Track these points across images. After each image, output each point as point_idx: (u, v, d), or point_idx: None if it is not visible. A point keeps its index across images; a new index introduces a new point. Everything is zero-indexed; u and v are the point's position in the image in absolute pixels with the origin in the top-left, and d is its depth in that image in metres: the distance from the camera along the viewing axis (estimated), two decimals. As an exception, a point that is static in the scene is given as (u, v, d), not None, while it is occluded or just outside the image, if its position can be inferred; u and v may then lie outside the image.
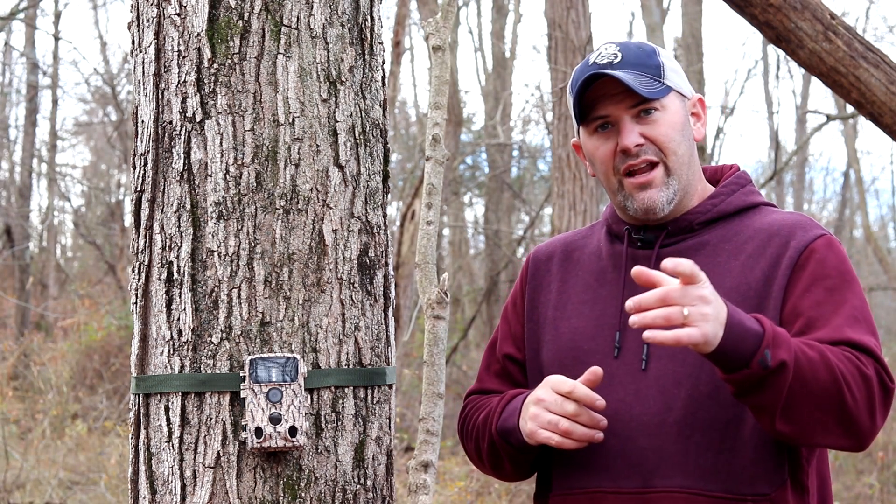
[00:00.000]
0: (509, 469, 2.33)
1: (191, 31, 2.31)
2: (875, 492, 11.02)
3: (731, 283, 2.19)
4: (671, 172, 2.24)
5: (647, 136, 2.23)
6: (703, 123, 2.34)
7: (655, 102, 2.23)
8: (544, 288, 2.39)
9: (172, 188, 2.30)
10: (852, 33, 4.13)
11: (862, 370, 2.05)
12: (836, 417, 2.04)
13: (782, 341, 2.01)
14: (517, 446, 2.24)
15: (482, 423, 2.34)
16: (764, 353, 1.98)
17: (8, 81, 20.96)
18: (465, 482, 10.80)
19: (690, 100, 2.33)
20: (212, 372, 2.24)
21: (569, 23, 9.55)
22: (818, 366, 2.01)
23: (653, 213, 2.25)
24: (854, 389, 2.03)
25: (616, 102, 2.23)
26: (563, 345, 2.29)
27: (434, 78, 3.57)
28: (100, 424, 12.75)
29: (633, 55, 2.26)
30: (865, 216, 18.62)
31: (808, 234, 2.21)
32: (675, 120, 2.26)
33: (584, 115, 2.26)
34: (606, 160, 2.26)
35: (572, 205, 9.35)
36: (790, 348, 2.00)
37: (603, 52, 2.27)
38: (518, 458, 2.28)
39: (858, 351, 2.08)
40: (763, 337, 1.99)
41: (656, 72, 2.25)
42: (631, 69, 2.23)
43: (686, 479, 2.13)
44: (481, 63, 23.64)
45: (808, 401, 2.02)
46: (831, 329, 2.10)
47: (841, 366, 2.03)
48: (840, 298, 2.14)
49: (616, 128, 2.25)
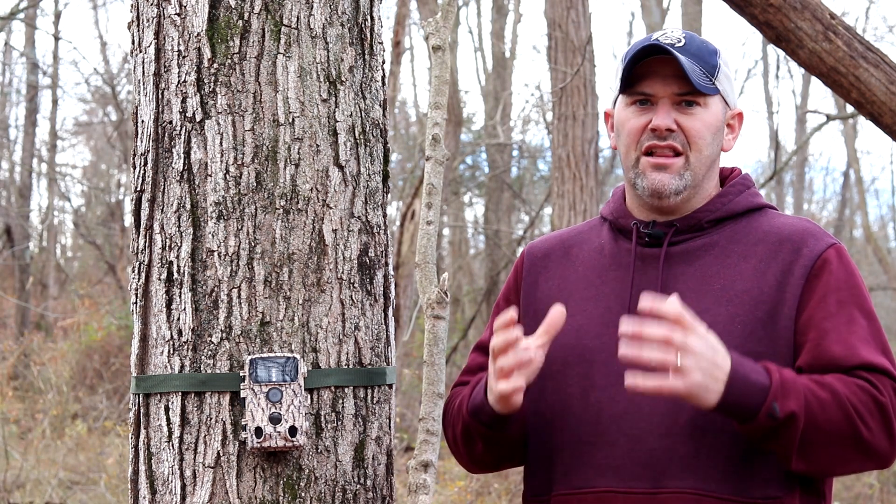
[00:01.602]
0: (481, 450, 2.29)
1: (191, 31, 2.31)
2: (875, 492, 11.02)
3: (743, 286, 2.18)
4: (689, 167, 2.24)
5: (681, 125, 2.23)
6: (735, 138, 2.34)
7: (700, 97, 2.23)
8: (542, 284, 2.37)
9: (172, 188, 2.30)
10: (852, 33, 4.13)
11: (876, 398, 2.07)
12: (852, 449, 2.08)
13: (790, 390, 2.04)
14: (487, 422, 2.21)
15: (457, 409, 2.33)
16: (772, 405, 2.02)
17: (8, 81, 20.98)
18: (465, 482, 10.80)
19: (732, 111, 2.32)
20: (212, 372, 2.24)
21: (569, 23, 9.55)
22: (830, 406, 2.04)
23: (658, 196, 2.24)
24: (869, 420, 2.06)
25: (664, 83, 2.22)
26: (567, 342, 2.25)
27: (434, 78, 3.57)
28: (100, 424, 12.75)
29: (696, 46, 2.25)
30: (865, 216, 18.62)
31: (820, 244, 2.21)
32: (712, 121, 2.25)
33: (628, 86, 2.25)
34: (634, 133, 2.25)
35: (572, 205, 9.35)
36: (799, 395, 2.04)
37: (669, 33, 2.27)
38: (490, 436, 2.24)
39: (874, 372, 2.10)
40: (769, 389, 2.02)
41: (711, 70, 2.25)
42: (690, 58, 2.23)
43: (697, 480, 2.12)
44: (481, 63, 23.64)
45: (822, 441, 2.05)
46: (845, 348, 2.12)
47: (854, 399, 2.06)
48: (852, 313, 2.16)
49: (654, 107, 2.24)
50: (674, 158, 2.23)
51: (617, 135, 2.30)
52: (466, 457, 2.36)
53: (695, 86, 2.19)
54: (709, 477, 2.12)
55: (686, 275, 2.22)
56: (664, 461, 2.14)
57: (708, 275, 2.21)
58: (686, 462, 2.13)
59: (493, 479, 10.90)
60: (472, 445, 2.30)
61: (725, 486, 2.12)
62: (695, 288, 2.20)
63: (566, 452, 2.23)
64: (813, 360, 2.13)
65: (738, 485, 2.12)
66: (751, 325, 2.15)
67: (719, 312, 2.17)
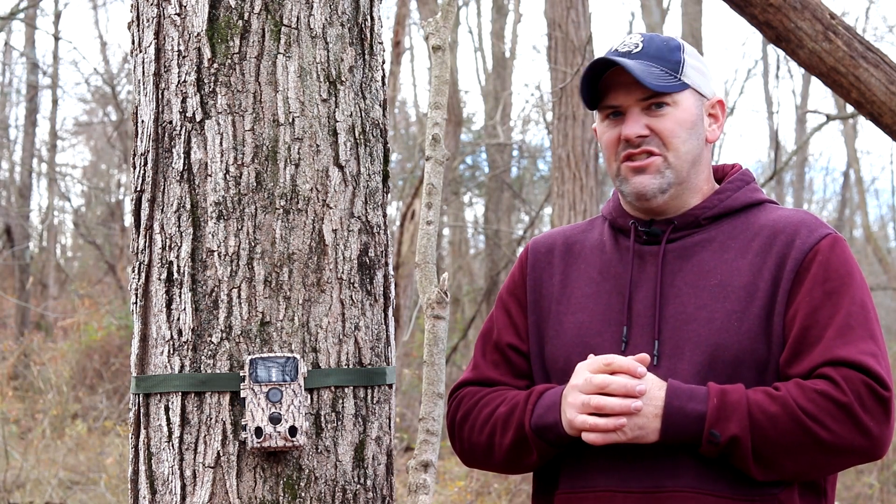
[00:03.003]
0: (534, 461, 2.26)
1: (191, 31, 2.31)
2: (875, 492, 11.02)
3: (740, 281, 2.19)
4: (669, 165, 2.25)
5: (653, 128, 2.24)
6: (720, 126, 2.34)
7: (666, 97, 2.24)
8: (546, 280, 2.37)
9: (172, 188, 2.30)
10: (852, 33, 4.13)
11: (837, 399, 2.06)
12: (819, 454, 2.08)
13: (731, 412, 2.06)
14: (554, 441, 2.20)
15: (503, 417, 2.27)
16: (709, 433, 2.07)
17: (8, 81, 20.97)
18: (465, 482, 10.80)
19: (710, 100, 2.32)
20: (212, 372, 2.24)
21: (569, 23, 9.55)
22: (780, 419, 2.06)
23: (644, 198, 2.25)
24: (830, 424, 2.06)
25: (627, 92, 2.24)
26: (569, 340, 2.27)
27: (434, 78, 3.57)
28: (100, 424, 12.75)
29: (654, 47, 2.27)
30: (865, 216, 18.62)
31: (814, 235, 2.21)
32: (685, 117, 2.26)
33: (596, 102, 2.29)
34: (611, 146, 2.28)
35: (572, 205, 9.35)
36: (742, 416, 2.06)
37: (626, 41, 2.29)
38: (551, 453, 2.24)
39: (841, 367, 2.08)
40: (705, 416, 2.07)
41: (674, 67, 2.26)
42: (648, 60, 2.24)
43: (696, 479, 2.13)
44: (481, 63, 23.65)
45: (780, 452, 2.08)
46: (822, 347, 2.11)
47: (810, 406, 2.06)
48: (837, 303, 2.15)
49: (624, 116, 2.26)
50: (650, 159, 2.25)
51: (600, 148, 2.35)
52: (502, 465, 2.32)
53: (650, 87, 2.21)
54: (707, 475, 2.13)
55: (684, 271, 2.23)
56: (664, 460, 2.14)
57: (705, 271, 2.22)
58: (685, 461, 2.13)
59: (494, 479, 10.90)
60: (524, 457, 2.27)
61: (723, 485, 2.12)
62: (692, 284, 2.21)
63: (569, 451, 2.23)
64: (791, 356, 2.14)
65: (736, 483, 2.12)
66: (748, 321, 2.16)
67: (716, 309, 2.17)
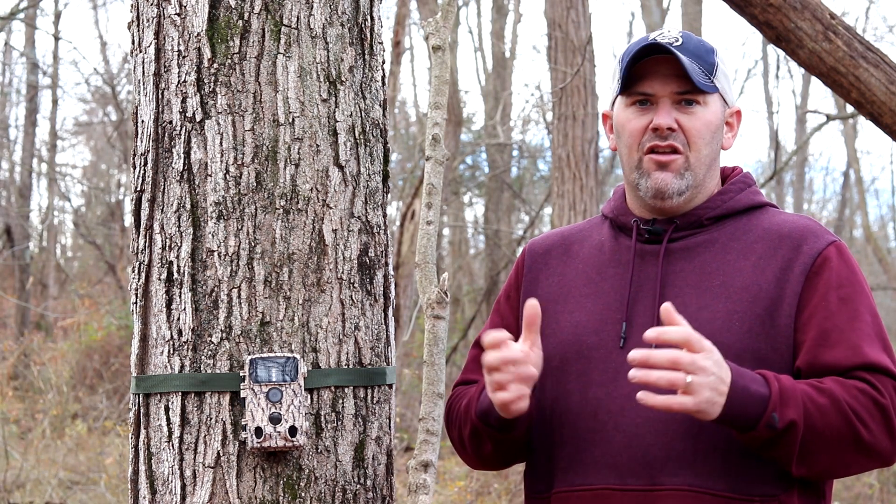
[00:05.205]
0: (490, 451, 2.29)
1: (191, 31, 2.31)
2: (875, 492, 11.02)
3: (742, 282, 2.19)
4: (689, 167, 2.24)
5: (681, 124, 2.23)
6: (734, 136, 2.34)
7: (699, 95, 2.23)
8: (542, 281, 2.37)
9: (172, 188, 2.30)
10: (852, 33, 4.13)
11: (877, 400, 2.08)
12: (854, 452, 2.09)
13: (789, 398, 2.05)
14: (496, 425, 2.21)
15: (464, 410, 2.32)
16: (771, 416, 2.03)
17: (8, 81, 20.96)
18: (465, 482, 10.80)
19: (730, 109, 2.32)
20: (212, 372, 2.24)
21: (569, 23, 9.55)
22: (828, 411, 2.06)
23: (661, 196, 2.24)
24: (869, 423, 2.07)
25: (664, 83, 2.23)
26: (565, 338, 2.26)
27: (434, 78, 3.57)
28: (100, 424, 12.75)
29: (693, 45, 2.26)
30: (865, 216, 18.62)
31: (821, 241, 2.22)
32: (711, 120, 2.25)
33: (628, 86, 2.25)
34: (636, 134, 2.25)
35: (572, 205, 9.35)
36: (798, 403, 2.05)
37: (666, 33, 2.27)
38: (499, 438, 2.24)
39: (875, 373, 2.11)
40: (769, 400, 2.03)
41: (709, 68, 2.25)
42: (690, 56, 2.23)
43: (694, 477, 2.12)
44: (481, 63, 23.63)
45: (822, 446, 2.07)
46: (847, 348, 2.13)
47: (854, 403, 2.07)
48: (854, 310, 2.16)
49: (655, 107, 2.24)
50: (673, 156, 2.23)
51: (617, 136, 2.30)
52: (474, 456, 2.36)
53: (695, 84, 2.19)
54: (705, 474, 2.13)
55: (685, 271, 2.23)
56: (661, 458, 2.14)
57: (707, 271, 2.22)
58: (683, 459, 2.13)
59: (493, 479, 10.90)
60: (481, 446, 2.30)
61: (722, 483, 2.12)
62: (694, 284, 2.21)
63: (565, 449, 2.23)
64: (814, 359, 2.13)
65: (735, 482, 2.12)
66: (749, 321, 2.16)
67: (718, 309, 2.17)
